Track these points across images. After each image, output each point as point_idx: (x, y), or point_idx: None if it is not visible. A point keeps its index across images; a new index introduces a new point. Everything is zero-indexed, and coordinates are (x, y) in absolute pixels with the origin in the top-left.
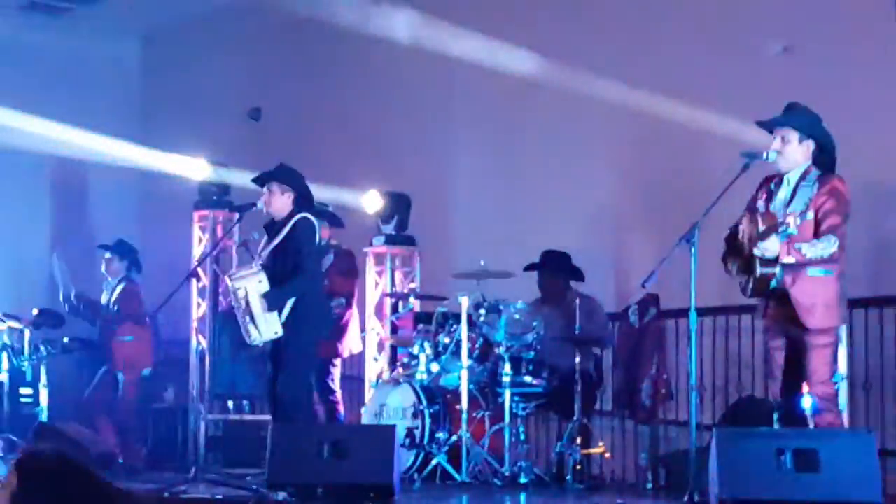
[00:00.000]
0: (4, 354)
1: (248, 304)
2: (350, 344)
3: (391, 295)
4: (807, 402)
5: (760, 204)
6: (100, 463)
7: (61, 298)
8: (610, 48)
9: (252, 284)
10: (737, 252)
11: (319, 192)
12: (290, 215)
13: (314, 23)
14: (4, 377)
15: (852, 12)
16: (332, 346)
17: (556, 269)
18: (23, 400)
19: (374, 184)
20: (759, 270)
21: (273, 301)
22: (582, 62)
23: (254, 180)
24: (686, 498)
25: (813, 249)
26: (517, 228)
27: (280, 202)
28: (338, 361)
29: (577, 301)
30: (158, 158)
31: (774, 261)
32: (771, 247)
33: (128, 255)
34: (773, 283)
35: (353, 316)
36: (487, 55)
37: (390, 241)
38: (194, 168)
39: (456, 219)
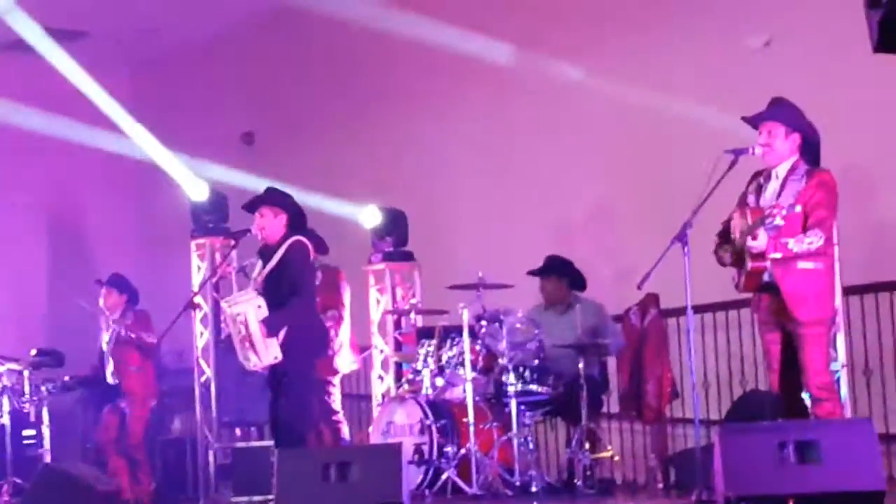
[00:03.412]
0: (5, 396)
1: (247, 329)
2: (341, 363)
3: (392, 312)
4: (805, 394)
5: (751, 199)
6: (106, 502)
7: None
8: (603, 46)
9: (250, 309)
10: (729, 246)
11: (315, 211)
12: (284, 238)
13: (300, 40)
14: (6, 420)
15: (830, 4)
16: (328, 366)
17: (559, 274)
18: (26, 442)
19: (370, 199)
20: (749, 265)
21: (272, 326)
22: (574, 62)
23: (244, 207)
24: (694, 496)
25: (799, 244)
26: (515, 236)
27: (273, 226)
28: (336, 380)
29: (578, 306)
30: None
31: (763, 255)
32: (758, 242)
33: (125, 288)
34: (766, 277)
35: (342, 334)
36: (479, 60)
37: (389, 257)
38: (194, 189)
39: (453, 231)
